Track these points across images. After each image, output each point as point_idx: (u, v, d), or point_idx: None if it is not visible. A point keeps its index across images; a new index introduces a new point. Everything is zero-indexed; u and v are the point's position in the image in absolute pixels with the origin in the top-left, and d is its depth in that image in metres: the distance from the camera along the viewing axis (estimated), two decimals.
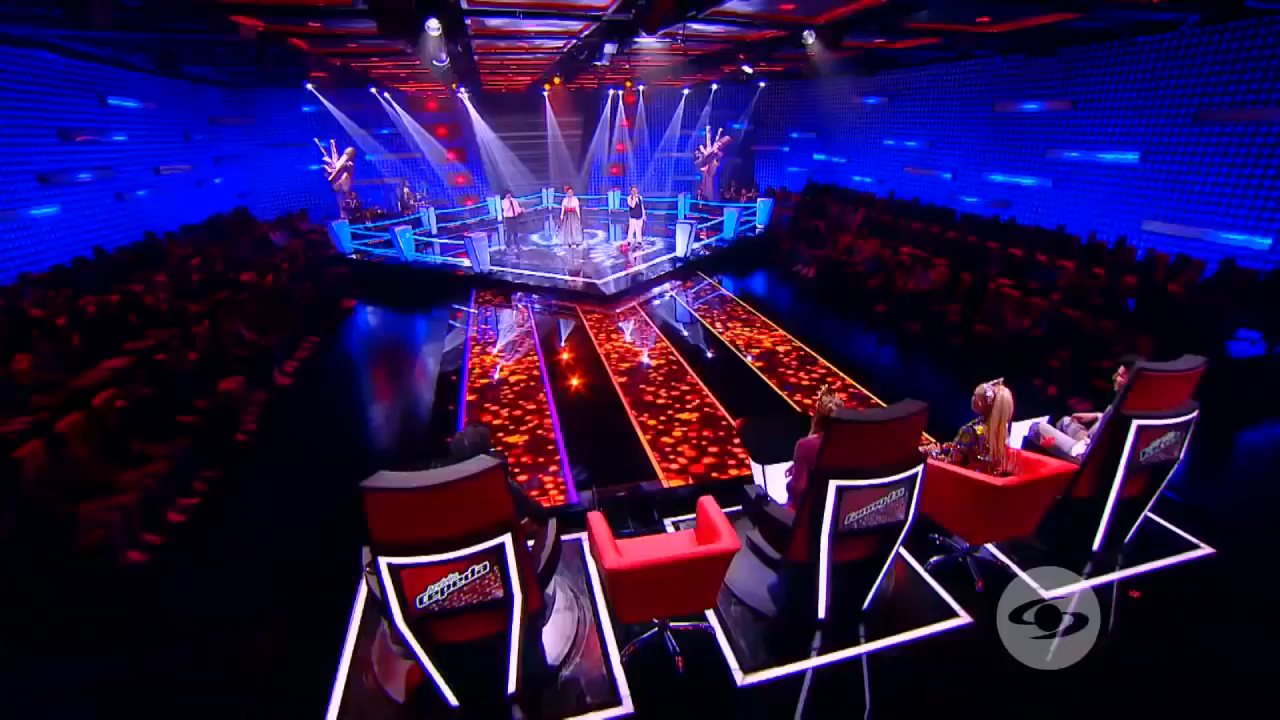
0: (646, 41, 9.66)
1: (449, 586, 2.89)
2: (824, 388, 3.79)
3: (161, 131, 13.77)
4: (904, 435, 3.31)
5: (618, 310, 11.66)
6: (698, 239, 14.47)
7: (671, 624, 3.75)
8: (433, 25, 6.75)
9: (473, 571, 2.89)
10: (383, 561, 2.78)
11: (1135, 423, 3.80)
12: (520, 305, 12.22)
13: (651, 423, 7.32)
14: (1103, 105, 10.55)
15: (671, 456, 6.57)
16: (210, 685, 3.70)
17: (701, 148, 21.03)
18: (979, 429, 4.01)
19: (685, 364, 9.08)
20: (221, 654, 3.93)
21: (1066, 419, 4.95)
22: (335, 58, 12.08)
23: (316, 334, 10.67)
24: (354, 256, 14.89)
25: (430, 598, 2.88)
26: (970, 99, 13.46)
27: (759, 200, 17.74)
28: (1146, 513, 4.32)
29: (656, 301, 12.37)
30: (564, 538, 4.57)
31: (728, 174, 22.25)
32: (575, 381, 8.73)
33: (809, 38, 8.39)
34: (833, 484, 3.26)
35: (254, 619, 4.22)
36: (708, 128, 20.93)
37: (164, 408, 6.74)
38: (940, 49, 12.29)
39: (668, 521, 4.92)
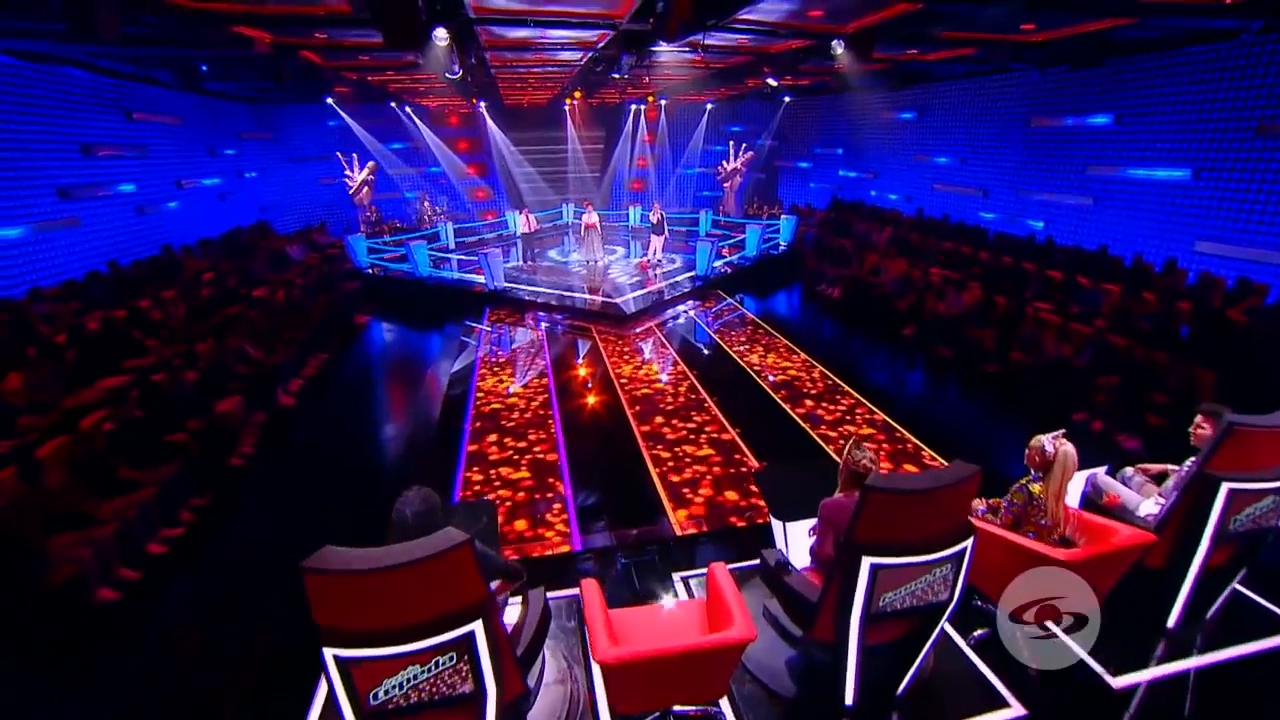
0: (666, 52, 9.26)
1: (409, 681, 2.42)
2: (851, 441, 3.27)
3: (186, 146, 13.75)
4: (952, 504, 2.78)
5: (635, 331, 11.22)
6: (719, 257, 13.99)
7: (676, 709, 3.24)
8: (440, 35, 6.43)
9: (437, 663, 2.43)
10: (329, 653, 2.33)
11: (1225, 485, 3.22)
12: (534, 323, 11.84)
13: (664, 455, 6.83)
14: (1149, 119, 9.88)
15: (685, 494, 6.07)
16: None
17: (724, 163, 20.78)
18: (1035, 488, 3.46)
19: (703, 391, 8.58)
20: None
21: (1129, 470, 4.36)
22: (350, 71, 11.90)
23: (327, 350, 10.40)
24: (370, 271, 14.71)
25: (386, 694, 2.42)
26: (1005, 113, 12.84)
27: (782, 217, 17.24)
28: (1235, 585, 3.70)
29: (675, 322, 11.90)
30: (560, 595, 4.10)
31: (750, 190, 21.90)
32: (585, 408, 8.28)
33: (838, 48, 7.91)
34: (866, 561, 2.74)
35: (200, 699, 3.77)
36: (731, 143, 20.62)
37: (156, 430, 6.43)
38: (974, 62, 11.72)
39: (676, 577, 4.41)
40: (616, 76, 10.20)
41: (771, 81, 11.29)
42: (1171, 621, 3.67)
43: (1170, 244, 9.83)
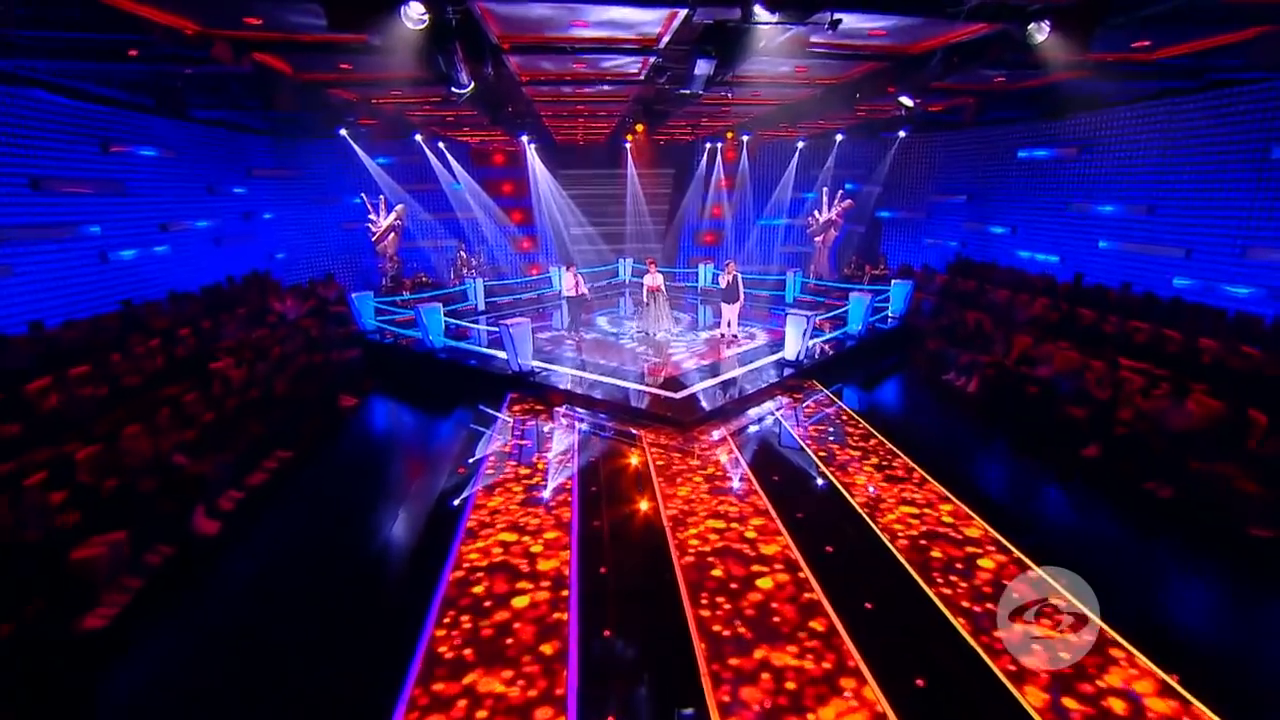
0: (759, 58, 7.25)
1: None
2: None
3: (178, 184, 12.79)
4: None
5: (700, 441, 8.90)
6: (816, 332, 11.67)
7: None
8: (414, 11, 4.63)
9: None
10: None
11: None
12: (566, 420, 9.73)
13: (725, 634, 4.45)
14: None
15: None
16: None
17: (816, 213, 19.06)
18: None
19: (789, 539, 6.16)
20: None
21: None
22: (337, 88, 10.58)
23: (294, 446, 8.62)
24: (376, 336, 13.20)
25: None
26: (1224, 142, 10.22)
27: (893, 282, 14.83)
28: None
29: (756, 427, 9.54)
30: None
31: (847, 246, 19.96)
32: (617, 560, 5.98)
33: (1039, 33, 5.64)
34: None
35: None
36: (824, 188, 18.79)
37: None
38: (1172, 75, 9.30)
39: None
40: (687, 93, 8.29)
41: (906, 101, 9.12)
42: None
43: None
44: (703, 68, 7.10)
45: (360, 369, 11.98)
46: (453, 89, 7.56)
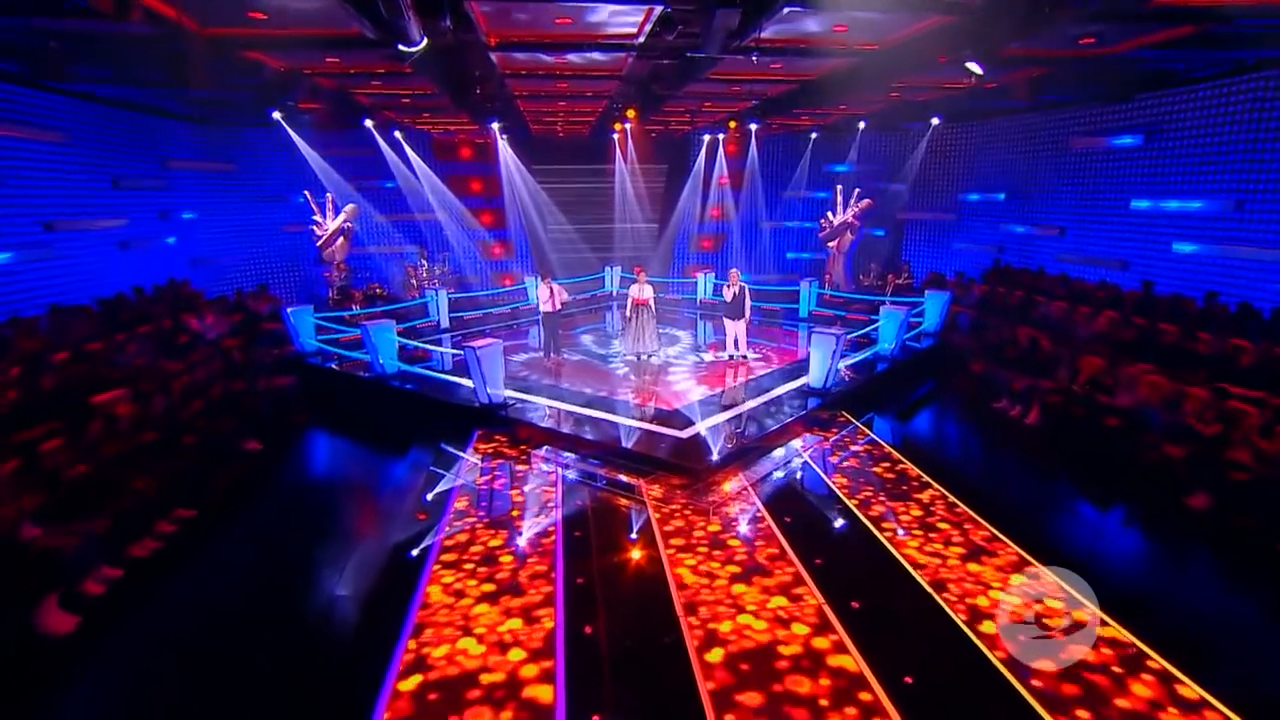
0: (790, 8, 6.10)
1: None
2: None
3: (71, 175, 11.43)
4: None
5: (716, 492, 7.65)
6: (843, 353, 10.57)
7: None
8: None
9: None
10: None
11: None
12: (548, 465, 8.46)
13: None
14: None
15: None
16: None
17: (830, 215, 18.19)
18: None
19: (851, 647, 4.90)
20: None
21: None
22: (265, 51, 9.40)
23: (201, 501, 7.34)
24: (316, 359, 12.14)
25: None
26: None
27: (926, 293, 13.82)
28: None
29: (779, 473, 8.32)
30: None
31: (864, 253, 19.24)
32: (615, 652, 4.71)
33: None
34: None
35: None
36: (838, 187, 17.98)
37: None
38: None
39: None
40: (701, 57, 7.12)
41: (975, 68, 7.98)
42: None
43: None
44: (724, 20, 5.93)
45: (295, 400, 10.72)
46: (400, 46, 6.36)
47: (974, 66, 7.85)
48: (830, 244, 18.32)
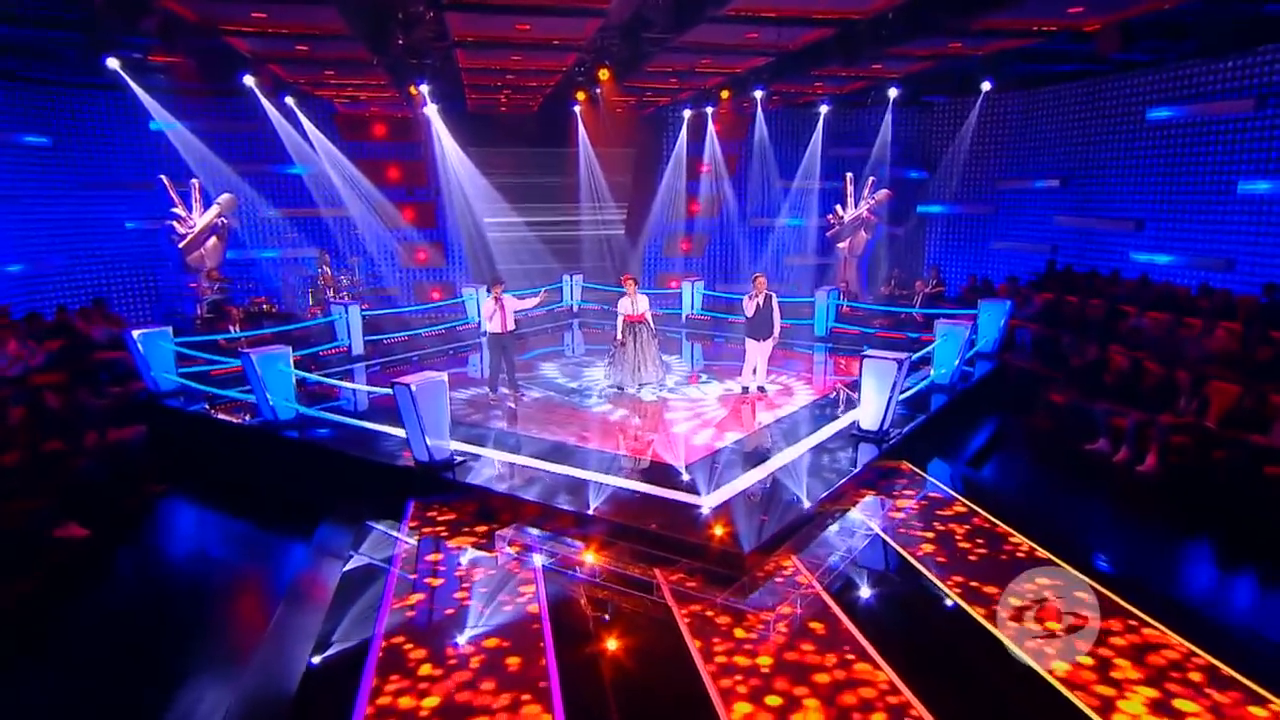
0: None
1: None
2: None
3: None
4: None
5: (765, 586, 6.08)
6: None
7: None
8: None
9: None
10: None
11: None
12: (514, 553, 6.85)
13: None
14: None
15: None
16: None
17: (839, 209, 17.68)
18: None
19: None
20: None
21: None
22: None
23: None
24: (176, 401, 10.72)
25: None
26: None
27: (980, 304, 12.93)
28: None
29: (837, 555, 6.85)
30: None
31: (880, 254, 18.92)
32: None
33: None
34: None
35: None
36: (848, 175, 17.46)
37: None
38: None
39: None
40: None
41: None
42: None
43: None
44: None
45: (144, 460, 9.27)
46: None
47: None
48: (840, 245, 17.62)
